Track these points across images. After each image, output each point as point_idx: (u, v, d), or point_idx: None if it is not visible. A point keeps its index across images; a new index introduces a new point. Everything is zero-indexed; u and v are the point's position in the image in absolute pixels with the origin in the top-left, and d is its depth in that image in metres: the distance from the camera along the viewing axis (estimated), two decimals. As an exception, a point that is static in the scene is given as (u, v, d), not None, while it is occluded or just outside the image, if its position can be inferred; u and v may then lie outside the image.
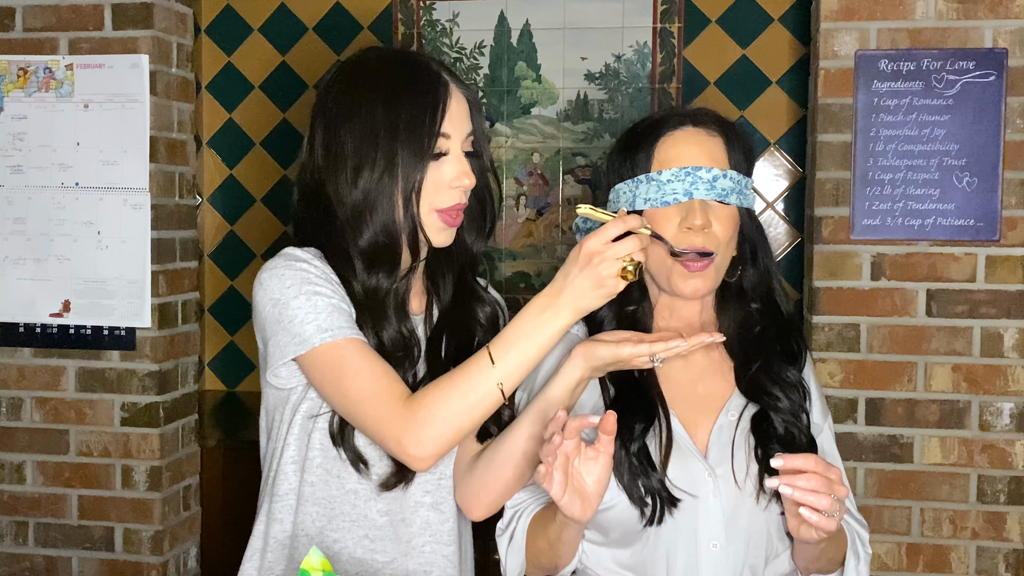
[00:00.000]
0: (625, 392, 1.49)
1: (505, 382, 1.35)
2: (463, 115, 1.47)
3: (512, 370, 1.35)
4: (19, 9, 2.81)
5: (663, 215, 1.47)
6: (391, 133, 1.42)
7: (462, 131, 1.47)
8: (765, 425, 1.48)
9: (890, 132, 2.53)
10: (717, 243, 1.47)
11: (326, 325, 1.40)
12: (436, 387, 1.38)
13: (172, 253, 2.87)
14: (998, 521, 2.56)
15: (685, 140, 1.49)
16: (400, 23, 3.26)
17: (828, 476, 1.28)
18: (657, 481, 1.42)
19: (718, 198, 1.46)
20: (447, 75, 1.48)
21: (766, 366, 1.51)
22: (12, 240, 2.83)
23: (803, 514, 1.27)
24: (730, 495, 1.45)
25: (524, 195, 3.19)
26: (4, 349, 2.86)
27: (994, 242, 2.51)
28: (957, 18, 2.51)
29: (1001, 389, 2.53)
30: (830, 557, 1.47)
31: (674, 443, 1.46)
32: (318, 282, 1.43)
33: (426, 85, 1.45)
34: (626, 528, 1.45)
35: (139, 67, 2.76)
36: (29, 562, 2.89)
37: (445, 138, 1.45)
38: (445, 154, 1.45)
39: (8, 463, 2.88)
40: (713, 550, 1.44)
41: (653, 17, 3.11)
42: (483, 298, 1.59)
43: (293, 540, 1.50)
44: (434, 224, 1.47)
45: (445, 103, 1.44)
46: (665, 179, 1.46)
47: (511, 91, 3.19)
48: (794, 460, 1.28)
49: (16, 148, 2.82)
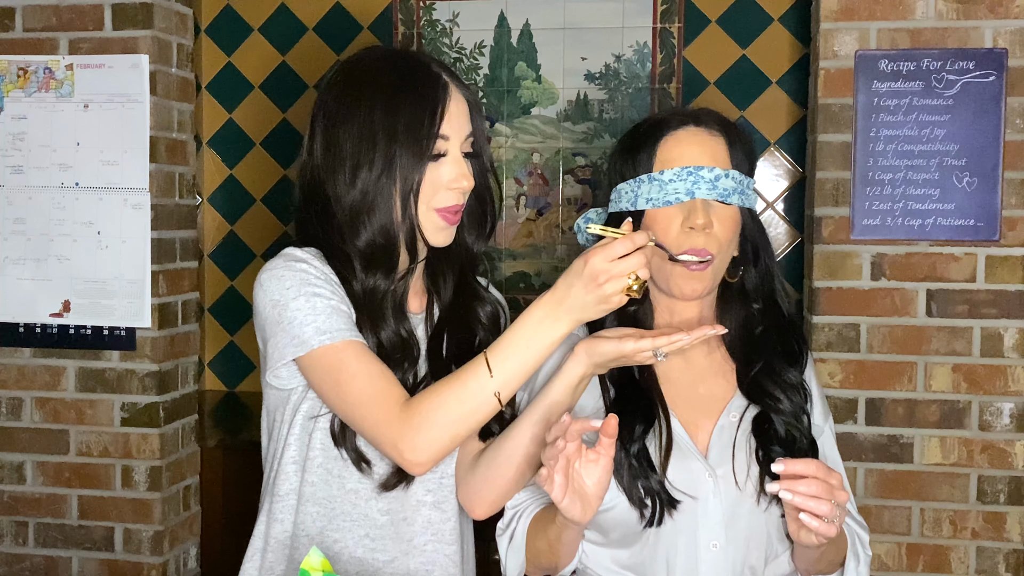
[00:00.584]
0: (625, 394, 1.49)
1: (502, 390, 1.34)
2: (462, 116, 1.47)
3: (509, 378, 1.34)
4: (19, 9, 2.81)
5: (665, 215, 1.47)
6: (389, 134, 1.42)
7: (461, 132, 1.46)
8: (766, 427, 1.47)
9: (890, 132, 2.53)
10: (718, 243, 1.46)
11: (324, 327, 1.40)
12: (434, 392, 1.37)
13: (172, 253, 2.87)
14: (998, 521, 2.56)
15: (687, 140, 1.49)
16: (400, 23, 3.26)
17: (829, 481, 1.27)
18: (657, 482, 1.42)
19: (720, 198, 1.45)
20: (447, 76, 1.47)
21: (767, 368, 1.51)
22: (12, 240, 2.83)
23: (803, 519, 1.27)
24: (730, 496, 1.44)
25: (524, 195, 3.19)
26: (4, 349, 2.86)
27: (994, 242, 2.51)
28: (957, 18, 2.51)
29: (1001, 389, 2.53)
30: (830, 559, 1.47)
31: (674, 444, 1.46)
32: (317, 283, 1.42)
33: (425, 87, 1.44)
34: (626, 529, 1.45)
35: (139, 67, 2.76)
36: (29, 562, 2.89)
37: (444, 140, 1.44)
38: (444, 155, 1.45)
39: (8, 463, 2.88)
40: (713, 550, 1.44)
41: (653, 17, 3.11)
42: (484, 297, 1.59)
43: (294, 540, 1.50)
44: (433, 223, 1.46)
45: (444, 105, 1.44)
46: (667, 179, 1.46)
47: (511, 91, 3.19)
48: (795, 465, 1.27)
49: (16, 148, 2.82)
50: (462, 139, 1.46)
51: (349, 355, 1.40)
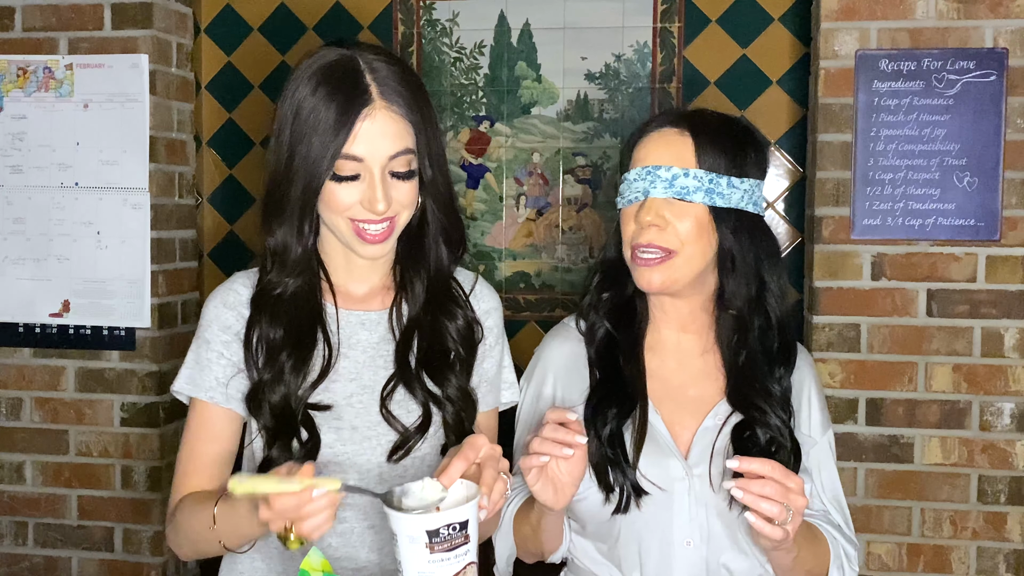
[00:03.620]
0: (607, 380, 1.52)
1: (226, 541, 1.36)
2: (385, 135, 1.36)
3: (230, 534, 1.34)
4: (19, 9, 2.81)
5: (627, 213, 1.51)
6: (292, 153, 1.38)
7: (382, 152, 1.36)
8: (748, 434, 1.48)
9: (890, 132, 2.53)
10: (679, 242, 1.47)
11: (188, 378, 1.49)
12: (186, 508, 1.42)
13: (172, 253, 2.87)
14: (998, 521, 2.56)
15: (654, 140, 1.51)
16: (400, 23, 3.25)
17: (786, 484, 1.28)
18: (626, 470, 1.45)
19: (677, 196, 1.46)
20: (378, 90, 1.37)
21: (751, 376, 1.51)
22: (12, 240, 2.83)
23: (748, 518, 1.29)
24: (704, 495, 1.46)
25: (524, 195, 3.19)
26: (4, 349, 2.86)
27: (994, 242, 2.51)
28: (957, 18, 2.51)
29: (1001, 389, 2.53)
30: (807, 569, 1.47)
31: (653, 439, 1.48)
32: (209, 329, 1.48)
33: (342, 103, 1.36)
34: (598, 520, 1.48)
35: (139, 67, 2.76)
36: (29, 562, 2.89)
37: (355, 161, 1.36)
38: (355, 177, 1.37)
39: (8, 463, 2.87)
40: (687, 548, 1.46)
41: (653, 17, 3.11)
42: (455, 312, 1.52)
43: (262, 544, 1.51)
44: (349, 235, 1.41)
45: (352, 126, 1.35)
46: (632, 178, 1.50)
47: (511, 91, 3.18)
48: (751, 463, 1.29)
49: (16, 148, 2.82)
50: (383, 159, 1.36)
51: (190, 417, 1.49)
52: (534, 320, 3.20)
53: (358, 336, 1.49)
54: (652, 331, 1.57)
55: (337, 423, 1.44)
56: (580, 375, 1.55)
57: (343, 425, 1.44)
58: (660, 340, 1.57)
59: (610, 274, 1.58)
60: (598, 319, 1.56)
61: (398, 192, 1.39)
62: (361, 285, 1.52)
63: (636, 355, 1.53)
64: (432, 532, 1.17)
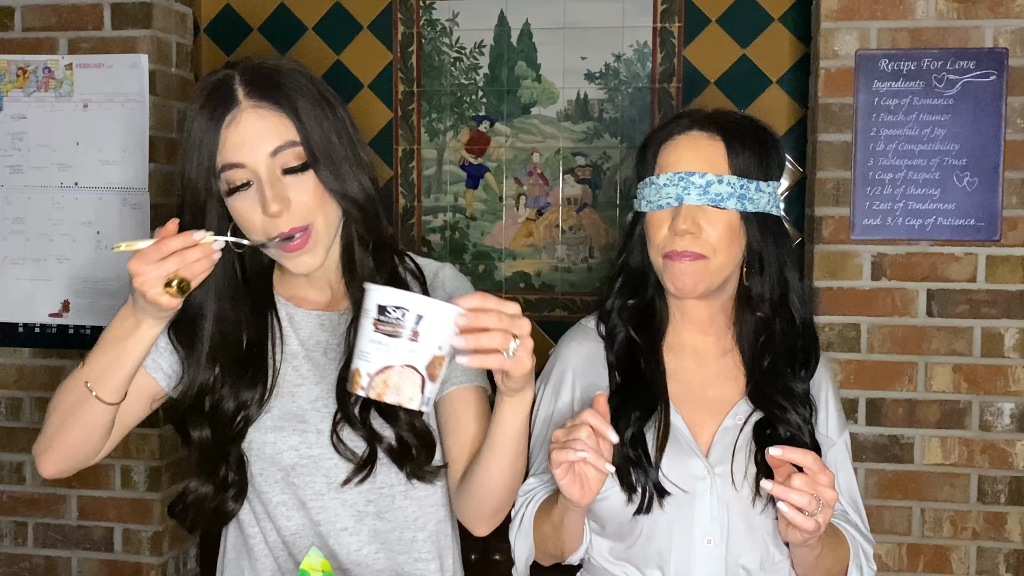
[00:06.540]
0: (628, 383, 1.52)
1: (92, 382, 1.32)
2: (259, 133, 1.32)
3: (100, 372, 1.31)
4: (18, 9, 2.80)
5: (657, 218, 1.50)
6: (182, 176, 1.38)
7: (260, 151, 1.32)
8: (769, 432, 1.49)
9: (890, 132, 2.53)
10: (711, 248, 1.47)
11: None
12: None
13: (172, 253, 2.87)
14: (998, 521, 2.55)
15: (685, 145, 1.50)
16: (400, 23, 3.25)
17: (818, 476, 1.29)
18: (649, 471, 1.44)
19: (711, 203, 1.46)
20: (244, 91, 1.34)
21: (773, 376, 1.52)
22: (11, 240, 2.83)
23: (780, 507, 1.28)
24: (726, 494, 1.46)
25: (524, 195, 3.19)
26: (3, 349, 2.85)
27: (995, 242, 2.51)
28: (957, 18, 2.50)
29: (1002, 389, 2.53)
30: (828, 567, 1.48)
31: (675, 439, 1.48)
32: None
33: (209, 114, 1.33)
34: (619, 520, 1.48)
35: (138, 67, 2.76)
36: (29, 562, 2.89)
37: (238, 168, 1.32)
38: (247, 185, 1.33)
39: (8, 463, 2.87)
40: (708, 546, 1.46)
41: (653, 17, 3.11)
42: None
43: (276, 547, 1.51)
44: (276, 251, 1.37)
45: (219, 132, 1.32)
46: (662, 183, 1.49)
47: (511, 91, 3.18)
48: (793, 453, 1.30)
49: (15, 148, 2.82)
50: (265, 159, 1.32)
51: None
52: (534, 320, 3.20)
53: (318, 337, 1.47)
54: (671, 333, 1.57)
55: (303, 426, 1.44)
56: (599, 375, 1.55)
57: (308, 428, 1.44)
58: (679, 342, 1.57)
59: (633, 278, 1.58)
60: (620, 323, 1.56)
61: (297, 191, 1.33)
62: (322, 293, 1.49)
63: (656, 357, 1.54)
64: (381, 308, 1.14)
